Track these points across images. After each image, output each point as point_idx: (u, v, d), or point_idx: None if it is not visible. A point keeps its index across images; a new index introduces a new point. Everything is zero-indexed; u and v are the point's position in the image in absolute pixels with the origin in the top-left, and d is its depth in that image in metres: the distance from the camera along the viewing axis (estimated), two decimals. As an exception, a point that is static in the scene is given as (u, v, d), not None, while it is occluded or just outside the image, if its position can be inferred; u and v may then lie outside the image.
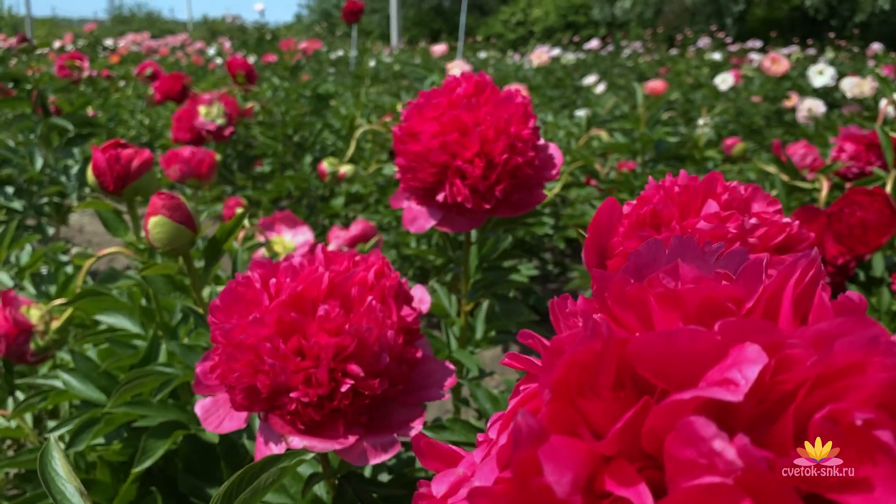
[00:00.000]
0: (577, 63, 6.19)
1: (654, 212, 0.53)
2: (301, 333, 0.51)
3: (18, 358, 1.06)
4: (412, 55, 7.48)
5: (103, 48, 8.29)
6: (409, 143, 0.70)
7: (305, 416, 0.51)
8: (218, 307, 0.54)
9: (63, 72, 3.31)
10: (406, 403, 0.56)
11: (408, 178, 0.72)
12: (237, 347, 0.51)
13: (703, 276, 0.22)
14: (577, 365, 0.19)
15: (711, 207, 0.52)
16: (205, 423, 0.57)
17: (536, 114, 2.21)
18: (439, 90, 0.72)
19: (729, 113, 3.07)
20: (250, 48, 7.75)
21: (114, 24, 19.99)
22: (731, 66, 4.77)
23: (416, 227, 0.74)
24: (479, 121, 0.68)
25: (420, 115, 0.70)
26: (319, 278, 0.53)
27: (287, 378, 0.50)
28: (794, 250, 0.53)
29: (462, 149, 0.68)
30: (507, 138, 0.68)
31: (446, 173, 0.70)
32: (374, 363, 0.52)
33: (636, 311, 0.22)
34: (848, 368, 0.18)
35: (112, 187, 0.83)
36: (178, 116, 2.36)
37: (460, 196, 0.69)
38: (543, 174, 0.74)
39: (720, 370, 0.18)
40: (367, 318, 0.52)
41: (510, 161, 0.68)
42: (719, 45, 7.65)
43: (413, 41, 13.40)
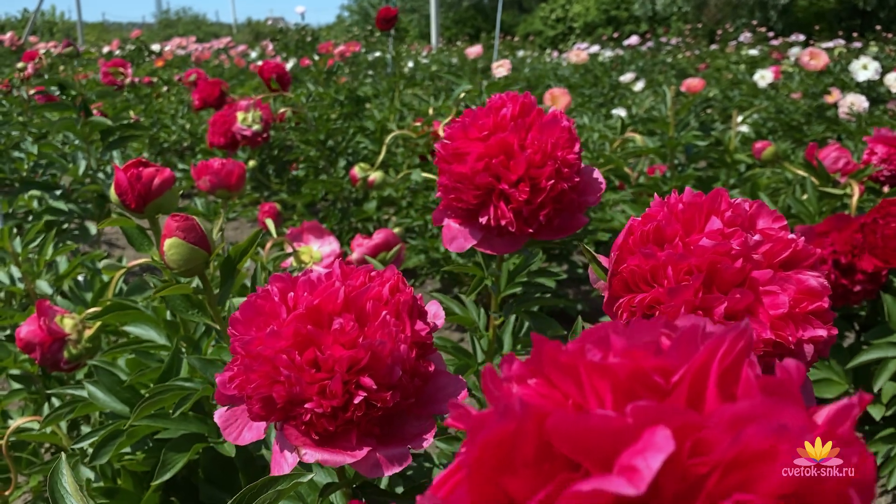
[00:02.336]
0: (615, 60, 6.13)
1: (658, 229, 0.53)
2: (317, 346, 0.52)
3: (53, 365, 1.09)
4: (450, 55, 7.49)
5: (149, 52, 8.47)
6: (454, 164, 0.69)
7: (319, 426, 0.53)
8: (238, 320, 0.55)
9: (107, 78, 3.40)
10: (418, 416, 0.57)
11: (450, 198, 0.71)
12: (255, 358, 0.52)
13: (632, 348, 0.22)
14: (492, 444, 0.19)
15: (715, 224, 0.52)
16: (225, 434, 0.58)
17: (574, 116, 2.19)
18: (485, 110, 0.70)
19: (768, 110, 3.01)
20: (290, 51, 7.85)
21: (160, 27, 20.40)
22: (771, 62, 4.67)
23: (456, 246, 0.73)
24: (526, 144, 0.67)
25: (465, 135, 0.70)
26: (336, 292, 0.54)
27: (302, 389, 0.51)
28: (800, 266, 0.53)
29: (507, 172, 0.67)
30: (554, 163, 0.67)
31: (490, 196, 0.69)
32: (387, 376, 0.53)
33: (572, 378, 0.22)
34: (759, 455, 0.17)
35: (134, 205, 0.85)
36: (213, 121, 2.40)
37: (504, 220, 0.68)
38: (586, 199, 0.73)
39: (631, 454, 0.18)
40: (380, 331, 0.53)
41: (556, 186, 0.67)
42: (761, 39, 7.49)
43: (452, 40, 13.40)
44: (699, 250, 0.50)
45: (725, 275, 0.50)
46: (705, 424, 0.19)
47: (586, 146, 2.27)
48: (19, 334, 1.06)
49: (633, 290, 0.53)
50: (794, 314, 0.49)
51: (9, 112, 2.43)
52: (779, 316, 0.49)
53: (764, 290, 0.50)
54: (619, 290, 0.55)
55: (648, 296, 0.51)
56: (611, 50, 7.49)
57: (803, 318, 0.50)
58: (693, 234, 0.52)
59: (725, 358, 0.22)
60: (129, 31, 11.56)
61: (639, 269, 0.52)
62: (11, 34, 6.60)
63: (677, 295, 0.50)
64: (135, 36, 8.52)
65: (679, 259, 0.50)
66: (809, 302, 0.50)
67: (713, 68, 5.15)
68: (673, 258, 0.50)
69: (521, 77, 4.89)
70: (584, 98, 4.08)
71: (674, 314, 0.50)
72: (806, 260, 0.52)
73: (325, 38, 9.31)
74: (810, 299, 0.50)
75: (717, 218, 0.52)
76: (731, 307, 0.50)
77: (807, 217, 1.42)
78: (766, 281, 0.50)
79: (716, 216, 0.52)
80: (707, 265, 0.50)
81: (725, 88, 4.02)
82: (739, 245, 0.50)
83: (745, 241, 0.51)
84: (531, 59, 7.36)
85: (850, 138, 2.59)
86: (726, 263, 0.50)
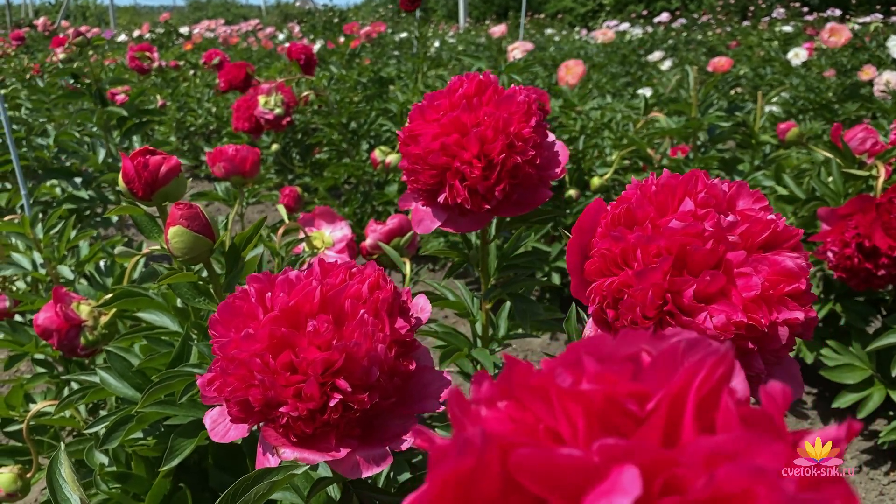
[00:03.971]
0: (644, 38, 6.02)
1: (629, 210, 0.52)
2: (292, 348, 0.52)
3: (70, 351, 1.11)
4: (477, 35, 7.43)
5: (178, 35, 8.52)
6: (411, 146, 0.70)
7: (297, 429, 0.52)
8: (217, 321, 0.55)
9: (134, 62, 3.43)
10: (401, 415, 0.57)
11: (411, 181, 0.73)
12: (231, 362, 0.52)
13: (605, 372, 0.21)
14: (451, 482, 0.19)
15: (687, 206, 0.51)
16: (212, 434, 0.58)
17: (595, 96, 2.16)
18: (442, 91, 0.72)
19: (797, 89, 2.94)
20: (317, 32, 7.84)
21: (191, 10, 20.50)
22: (805, 38, 4.55)
23: (423, 227, 0.74)
24: (479, 121, 0.68)
25: (422, 116, 0.71)
26: (312, 292, 0.53)
27: (277, 392, 0.51)
28: (781, 247, 0.51)
29: (461, 150, 0.68)
30: (506, 137, 0.67)
31: (445, 175, 0.69)
32: (363, 377, 0.52)
33: (544, 402, 0.22)
34: (734, 498, 0.17)
35: (141, 193, 0.86)
36: (236, 106, 2.41)
37: (459, 197, 0.69)
38: (547, 172, 0.73)
39: (597, 495, 0.17)
40: (357, 332, 0.52)
41: (508, 160, 0.67)
42: (795, 15, 7.30)
43: (480, 19, 13.29)
44: (668, 232, 0.49)
45: (696, 257, 0.49)
46: (679, 461, 0.18)
47: (609, 127, 2.24)
48: (37, 321, 1.08)
49: (605, 273, 0.52)
50: (768, 296, 0.48)
51: (39, 99, 2.46)
52: (751, 298, 0.48)
53: (737, 273, 0.49)
54: (590, 275, 0.54)
55: (617, 280, 0.51)
56: (640, 28, 7.37)
57: (778, 301, 0.48)
58: (666, 215, 0.51)
59: (704, 385, 0.21)
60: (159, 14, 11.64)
61: (608, 253, 0.51)
62: (44, 19, 6.67)
63: (645, 278, 0.49)
64: (163, 19, 8.58)
65: (647, 241, 0.49)
66: (786, 284, 0.49)
67: (744, 46, 5.03)
68: (641, 240, 0.49)
69: (546, 56, 4.83)
70: (609, 77, 4.02)
71: (642, 297, 0.49)
72: (787, 241, 0.51)
73: (353, 18, 9.29)
74: (787, 281, 0.49)
75: (691, 199, 0.51)
76: (702, 290, 0.49)
77: (831, 199, 1.39)
78: (739, 263, 0.49)
79: (690, 197, 0.51)
80: (677, 247, 0.49)
81: (757, 66, 3.93)
82: (712, 226, 0.49)
83: (718, 223, 0.50)
84: (559, 38, 7.27)
85: (884, 117, 2.51)
86: (696, 245, 0.48)
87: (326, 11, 8.76)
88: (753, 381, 0.51)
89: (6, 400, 1.18)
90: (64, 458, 0.51)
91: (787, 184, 1.49)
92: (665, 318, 0.49)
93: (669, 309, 0.49)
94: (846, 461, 1.49)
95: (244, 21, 11.80)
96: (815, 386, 1.73)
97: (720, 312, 0.48)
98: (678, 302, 0.49)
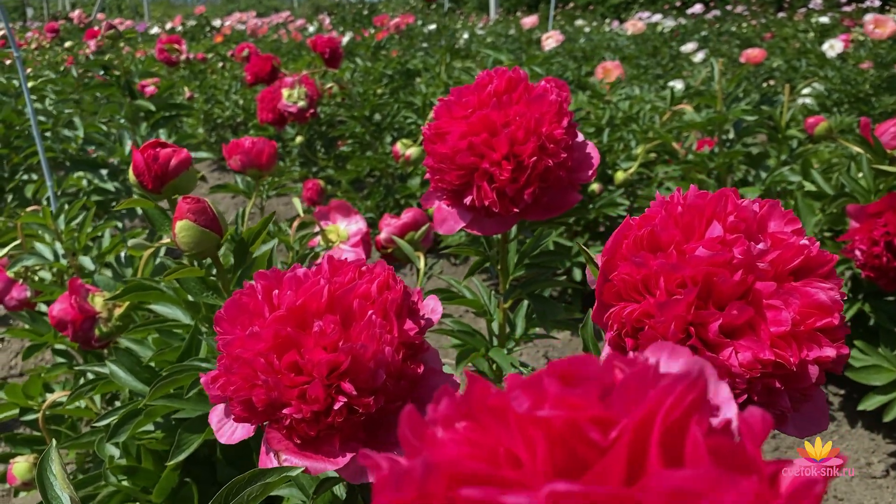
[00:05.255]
0: (676, 29, 5.93)
1: (653, 233, 0.49)
2: (298, 348, 0.51)
3: (85, 342, 1.12)
4: (507, 26, 7.37)
5: (210, 28, 8.59)
6: (437, 144, 0.67)
7: (300, 431, 0.51)
8: (223, 318, 0.54)
9: (162, 55, 3.46)
10: (407, 419, 0.55)
11: (436, 180, 0.70)
12: (235, 360, 0.51)
13: (568, 396, 0.20)
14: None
15: (716, 230, 0.47)
16: (218, 434, 0.57)
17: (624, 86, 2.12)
18: (471, 87, 0.68)
19: (833, 81, 2.86)
20: (347, 24, 7.85)
21: (223, 2, 20.64)
22: (842, 30, 4.44)
23: (446, 228, 0.72)
24: (509, 120, 0.64)
25: (449, 113, 0.67)
26: (320, 291, 0.52)
27: (281, 393, 0.50)
28: (813, 274, 0.48)
29: (490, 150, 0.65)
30: (538, 139, 0.64)
31: (473, 175, 0.67)
32: (369, 380, 0.51)
33: (503, 424, 0.20)
34: None
35: (151, 186, 0.86)
36: (261, 98, 2.41)
37: (487, 200, 0.66)
38: (577, 175, 0.70)
39: None
40: (365, 333, 0.51)
41: (540, 163, 0.64)
42: (833, 6, 7.12)
43: (511, 10, 13.20)
44: (694, 261, 0.46)
45: (723, 288, 0.45)
46: (639, 500, 0.17)
47: (635, 119, 2.20)
48: (52, 312, 1.09)
49: (625, 299, 0.49)
50: (798, 332, 0.45)
51: (63, 90, 2.49)
52: (780, 334, 0.44)
53: (767, 304, 0.46)
54: (610, 299, 0.51)
55: (638, 308, 0.47)
56: (673, 19, 7.26)
57: (809, 337, 0.45)
58: (692, 240, 0.48)
59: (671, 412, 0.19)
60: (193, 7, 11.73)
61: (630, 278, 0.48)
62: (80, 11, 6.76)
63: (668, 309, 0.45)
64: (199, 12, 8.66)
65: (672, 269, 0.46)
66: (818, 318, 0.45)
67: (779, 37, 4.92)
68: (665, 268, 0.46)
69: (575, 48, 4.78)
70: (640, 69, 3.97)
71: (664, 330, 0.46)
72: (820, 267, 0.47)
73: (384, 10, 9.28)
74: (819, 315, 0.45)
75: (719, 223, 0.47)
76: (728, 323, 0.45)
77: (861, 196, 1.35)
78: (769, 294, 0.46)
79: (718, 221, 0.48)
80: (703, 277, 0.46)
81: (791, 59, 3.84)
82: (742, 254, 0.46)
83: (748, 250, 0.46)
84: (590, 29, 7.19)
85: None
86: (724, 276, 0.45)
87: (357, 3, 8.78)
88: (778, 419, 0.48)
89: (24, 389, 1.19)
90: (55, 454, 0.51)
91: (815, 179, 1.45)
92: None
93: (693, 343, 0.46)
94: (873, 464, 1.45)
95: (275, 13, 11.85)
96: (843, 387, 1.69)
97: (746, 349, 0.45)
98: (702, 335, 0.46)
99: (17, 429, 1.59)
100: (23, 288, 1.36)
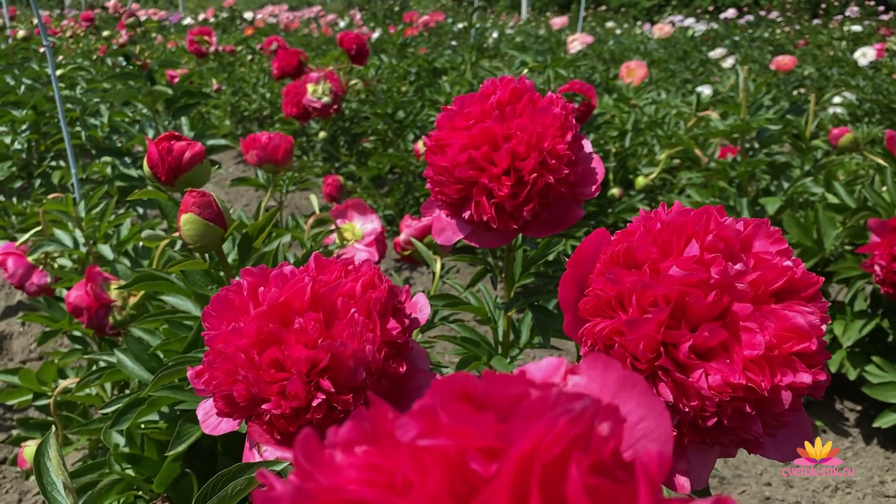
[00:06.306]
0: (707, 34, 5.86)
1: (629, 250, 0.48)
2: (279, 345, 0.51)
3: (99, 329, 1.14)
4: (537, 26, 7.35)
5: (241, 20, 8.65)
6: (437, 156, 0.65)
7: (280, 426, 0.52)
8: (210, 313, 0.55)
9: (193, 46, 3.50)
10: (390, 419, 0.55)
11: (436, 192, 0.68)
12: (217, 355, 0.52)
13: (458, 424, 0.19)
14: None
15: (692, 250, 0.46)
16: (203, 425, 0.58)
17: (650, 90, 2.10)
18: (474, 96, 0.66)
19: (864, 91, 2.82)
20: (378, 20, 7.87)
21: (257, -5, 20.77)
22: (878, 38, 4.36)
23: (444, 238, 0.70)
24: (511, 133, 0.63)
25: (451, 123, 0.65)
26: (303, 289, 0.53)
27: (261, 389, 0.50)
28: (797, 296, 0.46)
29: (490, 164, 0.63)
30: (539, 154, 0.62)
31: (472, 190, 0.65)
32: (349, 378, 0.51)
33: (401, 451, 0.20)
34: None
35: (164, 178, 0.87)
36: (286, 91, 2.43)
37: (486, 215, 0.64)
38: (580, 190, 0.67)
39: None
40: (347, 331, 0.51)
41: (540, 179, 0.62)
42: (870, 14, 6.99)
43: (543, 10, 13.15)
44: (667, 280, 0.45)
45: (696, 308, 0.45)
46: None
47: (660, 124, 2.18)
48: (68, 298, 1.10)
49: (600, 315, 0.48)
50: (772, 357, 0.44)
51: (93, 79, 2.53)
52: (752, 358, 0.43)
53: (743, 326, 0.45)
54: (585, 314, 0.50)
55: (609, 325, 0.47)
56: (705, 23, 7.18)
57: (783, 361, 0.44)
58: (670, 258, 0.47)
59: (552, 447, 0.19)
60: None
61: (604, 294, 0.47)
62: (115, 2, 6.85)
63: (637, 328, 0.45)
64: (228, 4, 8.72)
65: (644, 288, 0.45)
66: (795, 342, 0.44)
67: (813, 45, 4.85)
68: (638, 286, 0.45)
69: (604, 50, 4.75)
70: (668, 73, 3.93)
71: (633, 348, 0.45)
72: (804, 290, 0.46)
73: (415, 7, 9.28)
74: (796, 339, 0.44)
75: (698, 241, 0.46)
76: (700, 344, 0.45)
77: (884, 210, 1.32)
78: (746, 316, 0.45)
79: (696, 239, 0.47)
80: (675, 296, 0.45)
81: (823, 67, 3.79)
82: (718, 274, 0.45)
83: (725, 270, 0.45)
84: (621, 32, 7.14)
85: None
86: (698, 296, 0.44)
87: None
88: (751, 445, 0.47)
89: (38, 375, 1.21)
90: (53, 440, 0.52)
91: (838, 192, 1.42)
92: (658, 372, 0.45)
93: (662, 363, 0.45)
94: (887, 483, 1.43)
95: (307, 7, 11.91)
96: (860, 403, 1.66)
97: (717, 372, 0.44)
98: (673, 355, 0.45)
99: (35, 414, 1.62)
100: (43, 274, 1.38)
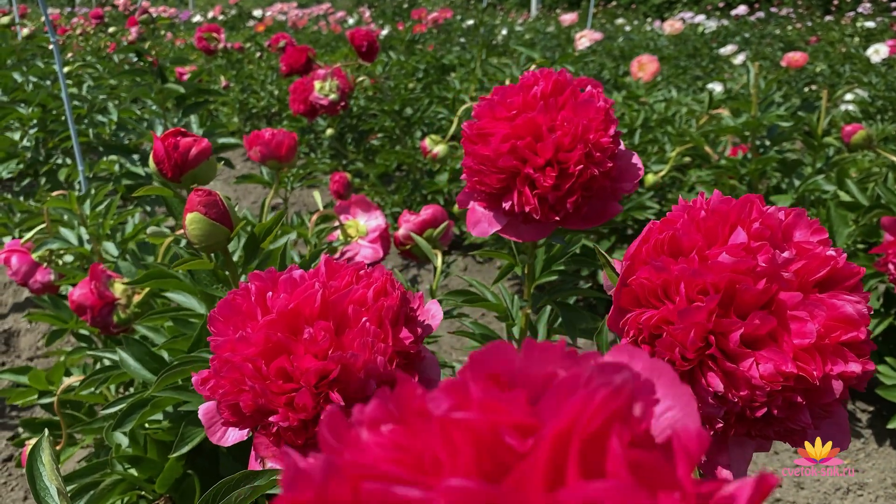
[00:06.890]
0: (717, 30, 5.82)
1: (674, 238, 0.47)
2: (288, 354, 0.49)
3: (104, 327, 1.13)
4: (547, 23, 7.32)
5: (250, 17, 8.66)
6: (479, 145, 0.64)
7: (287, 438, 0.50)
8: (216, 318, 0.53)
9: (201, 43, 3.50)
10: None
11: (474, 181, 0.67)
12: (224, 364, 0.50)
13: (491, 399, 0.19)
14: None
15: (739, 237, 0.46)
16: (209, 433, 0.57)
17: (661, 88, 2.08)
18: (515, 87, 0.65)
19: (877, 88, 2.78)
20: (387, 18, 7.86)
21: (267, -8, 20.79)
22: (890, 35, 4.31)
23: (479, 230, 0.69)
24: (555, 125, 0.62)
25: (492, 113, 0.65)
26: (313, 296, 0.51)
27: (268, 400, 0.49)
28: (839, 286, 0.46)
29: (534, 155, 0.62)
30: (585, 146, 0.61)
31: (514, 180, 0.64)
32: (360, 390, 0.50)
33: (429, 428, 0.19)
34: None
35: (170, 174, 0.85)
36: (293, 88, 2.42)
37: (528, 206, 0.64)
38: (621, 185, 0.67)
39: None
40: (357, 341, 0.49)
41: (585, 172, 0.62)
42: (883, 10, 6.90)
43: (553, 7, 13.11)
44: (717, 267, 0.44)
45: (746, 296, 0.44)
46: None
47: (671, 121, 2.16)
48: (72, 296, 1.09)
49: (644, 304, 0.48)
50: (823, 346, 0.43)
51: (101, 76, 2.52)
52: (803, 347, 0.43)
53: (791, 315, 0.44)
54: (628, 304, 0.49)
55: (657, 314, 0.46)
56: (716, 20, 7.13)
57: (833, 350, 0.43)
58: (715, 246, 0.46)
59: (591, 422, 0.18)
60: (236, -4, 11.84)
61: (649, 283, 0.47)
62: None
63: (688, 317, 0.44)
64: (233, 2, 8.73)
65: (693, 275, 0.44)
66: (843, 331, 0.43)
67: (825, 41, 4.80)
68: (686, 274, 0.45)
69: (613, 47, 4.72)
70: (678, 70, 3.90)
71: (683, 337, 0.44)
72: (847, 280, 0.46)
73: (424, 4, 9.27)
74: (845, 328, 0.43)
75: (743, 229, 0.46)
76: (750, 333, 0.44)
77: (897, 208, 1.30)
78: (794, 305, 0.44)
79: (742, 227, 0.46)
80: (725, 284, 0.44)
81: (835, 63, 3.75)
82: (766, 262, 0.44)
83: (773, 258, 0.44)
84: (631, 28, 7.10)
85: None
86: (747, 284, 0.43)
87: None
88: (797, 436, 0.47)
89: (48, 376, 1.20)
90: (46, 445, 0.51)
91: (850, 189, 1.40)
92: (707, 361, 0.45)
93: (712, 352, 0.44)
94: (900, 486, 1.41)
95: (317, 4, 11.91)
96: (873, 404, 1.64)
97: (768, 361, 0.43)
98: (722, 345, 0.44)
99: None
100: (47, 271, 1.37)
